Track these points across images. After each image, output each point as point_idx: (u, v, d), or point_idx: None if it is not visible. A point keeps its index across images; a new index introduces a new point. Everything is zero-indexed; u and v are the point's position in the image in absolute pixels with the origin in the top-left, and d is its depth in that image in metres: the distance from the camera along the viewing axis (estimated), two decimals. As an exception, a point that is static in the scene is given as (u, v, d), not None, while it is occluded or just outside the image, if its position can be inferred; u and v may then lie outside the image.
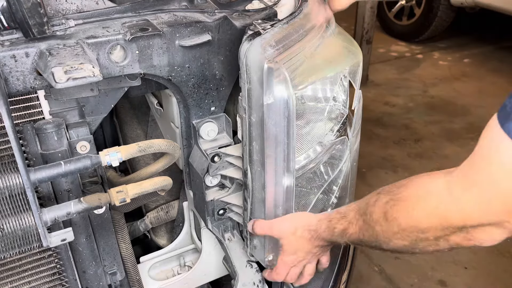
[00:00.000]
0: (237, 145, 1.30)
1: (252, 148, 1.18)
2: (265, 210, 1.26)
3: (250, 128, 1.16)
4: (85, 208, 1.07)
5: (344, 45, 1.30)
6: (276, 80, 1.07)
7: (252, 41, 1.08)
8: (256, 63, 1.08)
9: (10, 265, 1.22)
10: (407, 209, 0.96)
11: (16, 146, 0.93)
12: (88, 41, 1.04)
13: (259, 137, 1.15)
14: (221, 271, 1.70)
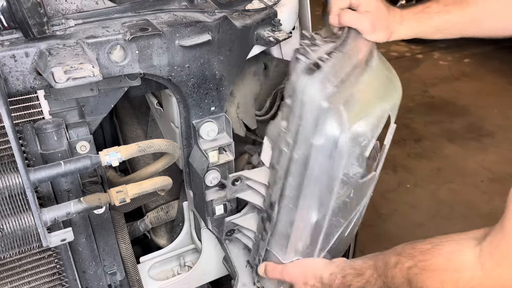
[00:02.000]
0: (262, 171, 1.23)
1: (286, 183, 1.12)
2: (288, 246, 1.21)
3: (290, 164, 1.09)
4: (85, 208, 1.07)
5: (386, 74, 1.23)
6: (333, 122, 1.01)
7: (312, 76, 1.00)
8: (314, 102, 1.00)
9: (10, 265, 1.22)
10: (436, 281, 0.90)
11: (16, 146, 0.93)
12: (88, 41, 1.04)
13: (299, 175, 1.08)
14: (221, 271, 1.70)
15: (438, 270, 0.90)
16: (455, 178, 3.36)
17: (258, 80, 1.46)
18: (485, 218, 2.86)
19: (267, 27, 1.28)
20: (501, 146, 3.69)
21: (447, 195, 3.15)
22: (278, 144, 1.12)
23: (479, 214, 2.94)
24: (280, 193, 1.15)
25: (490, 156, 3.57)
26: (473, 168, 3.45)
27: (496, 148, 3.68)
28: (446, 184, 3.27)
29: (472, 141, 3.84)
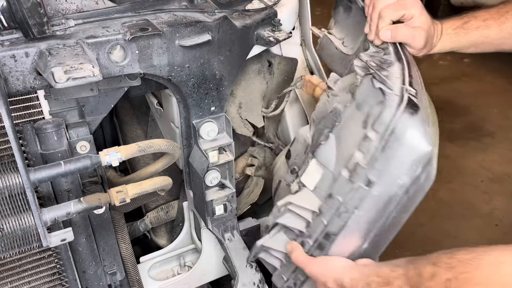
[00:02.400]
0: (308, 195, 1.14)
1: (352, 215, 1.04)
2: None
3: (365, 199, 1.01)
4: (85, 208, 1.07)
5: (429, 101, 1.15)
6: (434, 164, 0.96)
7: (413, 118, 0.93)
8: (416, 146, 0.93)
9: (10, 265, 1.22)
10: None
11: (16, 146, 0.93)
12: (88, 41, 1.04)
13: (374, 211, 1.02)
14: (221, 271, 1.70)
15: (482, 284, 0.81)
16: (455, 178, 3.35)
17: (263, 78, 1.45)
18: (485, 218, 2.86)
19: (267, 27, 1.28)
20: (501, 146, 3.69)
21: (447, 195, 3.15)
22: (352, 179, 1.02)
23: (479, 214, 2.93)
24: (342, 224, 1.07)
25: (490, 156, 3.57)
26: (473, 168, 3.44)
27: (496, 148, 3.68)
28: (446, 184, 3.27)
29: (472, 141, 3.83)
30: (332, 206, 1.07)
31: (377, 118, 0.96)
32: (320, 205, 1.10)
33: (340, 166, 1.05)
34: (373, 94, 0.98)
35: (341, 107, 1.09)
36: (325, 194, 1.09)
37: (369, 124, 0.97)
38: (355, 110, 1.03)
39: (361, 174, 1.00)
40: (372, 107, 0.98)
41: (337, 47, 1.32)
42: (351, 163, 1.01)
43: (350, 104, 1.05)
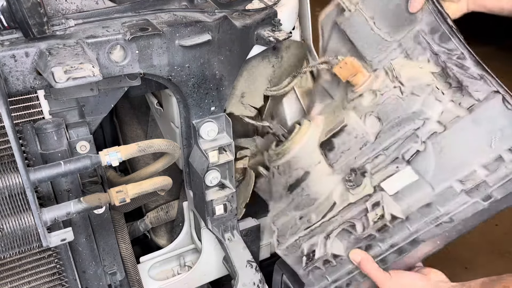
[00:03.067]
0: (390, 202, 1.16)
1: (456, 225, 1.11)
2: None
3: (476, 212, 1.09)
4: (85, 208, 1.07)
5: None
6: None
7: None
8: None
9: (10, 265, 1.22)
10: None
11: (16, 146, 0.93)
12: (88, 40, 1.04)
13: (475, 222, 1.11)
14: (221, 271, 1.70)
15: None
16: (455, 178, 3.35)
17: (269, 62, 1.41)
18: (485, 218, 2.87)
19: (267, 27, 1.28)
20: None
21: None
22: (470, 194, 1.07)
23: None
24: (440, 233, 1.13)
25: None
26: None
27: (496, 148, 3.68)
28: (446, 184, 3.27)
29: (472, 141, 3.83)
30: (427, 214, 1.11)
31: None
32: (407, 212, 1.12)
33: (445, 176, 1.07)
34: (504, 115, 0.99)
35: (430, 113, 1.09)
36: (416, 202, 1.11)
37: (500, 144, 0.99)
38: (471, 124, 1.03)
39: (483, 190, 1.03)
40: (505, 129, 0.99)
41: (374, 29, 1.21)
42: (469, 178, 1.04)
43: (461, 115, 1.05)
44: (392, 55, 1.20)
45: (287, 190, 1.38)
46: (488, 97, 1.02)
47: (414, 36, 1.16)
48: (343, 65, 1.24)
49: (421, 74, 1.15)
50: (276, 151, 1.41)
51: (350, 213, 1.22)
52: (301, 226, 1.33)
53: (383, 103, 1.17)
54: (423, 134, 1.11)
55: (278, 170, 1.41)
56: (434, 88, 1.12)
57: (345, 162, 1.23)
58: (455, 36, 1.11)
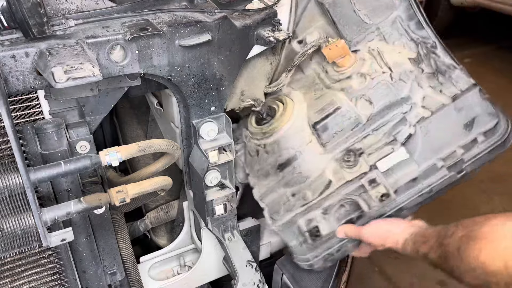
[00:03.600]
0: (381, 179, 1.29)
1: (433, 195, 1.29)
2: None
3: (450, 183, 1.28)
4: (85, 208, 1.07)
5: None
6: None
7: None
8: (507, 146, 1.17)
9: (10, 265, 1.22)
10: (477, 249, 0.94)
11: (16, 146, 0.93)
12: (88, 41, 1.04)
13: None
14: (221, 271, 1.70)
15: (480, 239, 0.95)
16: (455, 178, 3.36)
17: (266, 59, 1.42)
18: (485, 217, 2.87)
19: (267, 27, 1.28)
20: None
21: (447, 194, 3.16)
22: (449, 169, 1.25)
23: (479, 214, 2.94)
24: (421, 201, 1.30)
25: (490, 156, 3.57)
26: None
27: (496, 148, 3.68)
28: (446, 184, 3.28)
29: (472, 141, 3.83)
30: (412, 187, 1.26)
31: (492, 129, 1.19)
32: (395, 186, 1.27)
33: (429, 155, 1.24)
34: (480, 105, 1.17)
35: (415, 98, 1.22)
36: (403, 177, 1.26)
37: (475, 129, 1.18)
38: (453, 111, 1.20)
39: (459, 166, 1.21)
40: (480, 116, 1.18)
41: (356, 11, 1.29)
42: (449, 156, 1.23)
43: (446, 103, 1.21)
44: (369, 37, 1.30)
45: (277, 169, 1.40)
46: (469, 88, 1.18)
47: (392, 21, 1.27)
48: (333, 47, 1.30)
49: (403, 60, 1.25)
50: (262, 129, 1.40)
51: (346, 189, 1.31)
52: (296, 203, 1.37)
53: (374, 88, 1.25)
54: (411, 118, 1.24)
55: (264, 149, 1.41)
56: (416, 75, 1.24)
57: (337, 142, 1.30)
58: (427, 26, 1.25)
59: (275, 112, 1.40)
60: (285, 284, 1.66)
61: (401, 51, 1.27)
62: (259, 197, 1.46)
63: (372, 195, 1.28)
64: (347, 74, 1.30)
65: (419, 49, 1.25)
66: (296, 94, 1.41)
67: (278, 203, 1.42)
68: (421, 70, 1.24)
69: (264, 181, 1.45)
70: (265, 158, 1.42)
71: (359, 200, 1.30)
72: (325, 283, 1.62)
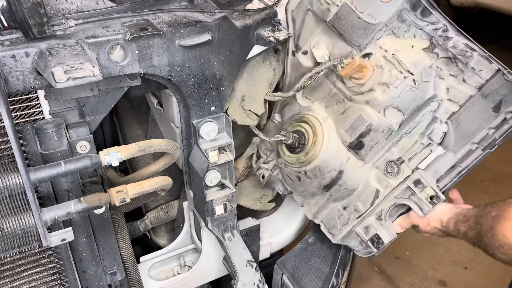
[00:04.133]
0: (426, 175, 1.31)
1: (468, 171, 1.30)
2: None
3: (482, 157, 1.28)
4: (85, 208, 1.07)
5: None
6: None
7: None
8: None
9: (10, 265, 1.22)
10: (505, 227, 1.05)
11: (16, 146, 0.93)
12: (88, 40, 1.04)
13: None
14: (221, 271, 1.70)
15: (509, 218, 1.05)
16: (455, 178, 3.35)
17: (270, 66, 1.42)
18: (485, 218, 2.87)
19: (267, 27, 1.28)
20: (501, 146, 3.69)
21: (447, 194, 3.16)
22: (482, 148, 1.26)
23: (479, 214, 2.94)
24: (459, 179, 1.32)
25: (490, 156, 3.57)
26: (473, 168, 3.45)
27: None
28: (446, 184, 3.28)
29: (472, 141, 3.83)
30: (451, 172, 1.30)
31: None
32: (436, 176, 1.31)
33: (463, 143, 1.26)
34: (506, 87, 1.18)
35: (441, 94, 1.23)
36: (442, 167, 1.30)
37: (503, 109, 1.19)
38: (481, 99, 1.20)
39: (492, 144, 1.24)
40: (507, 96, 1.18)
41: (360, 17, 1.26)
42: (483, 139, 1.24)
43: (473, 94, 1.21)
44: (378, 35, 1.28)
45: (323, 189, 1.43)
46: (493, 75, 1.19)
47: (398, 15, 1.25)
48: (349, 67, 1.26)
49: (419, 55, 1.24)
50: (299, 159, 1.42)
51: (394, 194, 1.34)
52: (350, 216, 1.41)
53: (399, 96, 1.24)
54: (441, 115, 1.26)
55: (306, 175, 1.44)
56: (436, 68, 1.22)
57: (374, 153, 1.32)
58: (435, 9, 1.23)
59: (305, 138, 1.40)
60: (285, 284, 1.66)
61: (413, 44, 1.25)
62: (312, 216, 1.50)
63: (422, 197, 1.30)
64: (368, 86, 1.27)
65: (431, 37, 1.23)
66: (318, 108, 1.40)
67: (333, 218, 1.45)
68: (436, 55, 1.23)
69: (312, 200, 1.49)
70: (308, 183, 1.45)
71: (411, 204, 1.33)
72: (325, 283, 1.62)
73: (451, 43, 1.21)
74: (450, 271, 2.61)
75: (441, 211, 1.30)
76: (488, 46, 4.37)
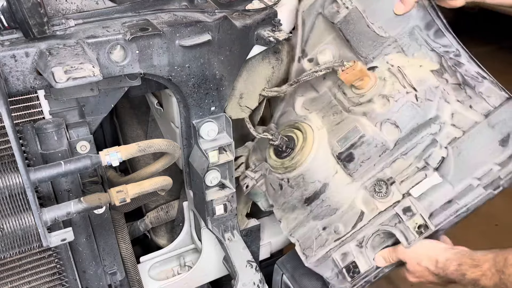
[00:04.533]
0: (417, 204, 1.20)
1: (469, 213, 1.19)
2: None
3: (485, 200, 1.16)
4: (85, 208, 1.07)
5: None
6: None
7: None
8: None
9: (10, 265, 1.22)
10: None
11: (16, 146, 0.93)
12: (88, 41, 1.04)
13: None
14: (221, 271, 1.70)
15: None
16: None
17: (269, 63, 1.41)
18: (485, 218, 2.85)
19: (267, 27, 1.28)
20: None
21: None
22: (486, 188, 1.15)
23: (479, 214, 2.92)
24: (457, 221, 1.20)
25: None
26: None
27: (496, 148, 3.67)
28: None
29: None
30: (447, 209, 1.17)
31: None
32: (430, 209, 1.18)
33: (463, 175, 1.15)
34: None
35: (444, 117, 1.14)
36: (438, 200, 1.18)
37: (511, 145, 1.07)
38: (487, 128, 1.10)
39: (496, 183, 1.11)
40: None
41: (369, 25, 1.20)
42: (485, 175, 1.12)
43: (478, 121, 1.11)
44: (386, 51, 1.21)
45: (304, 203, 1.34)
46: (502, 103, 1.09)
47: (409, 32, 1.18)
48: (350, 71, 1.21)
49: (426, 74, 1.16)
50: (284, 164, 1.36)
51: (380, 219, 1.23)
52: (329, 237, 1.30)
53: (399, 111, 1.17)
54: (442, 139, 1.15)
55: (288, 183, 1.36)
56: (442, 89, 1.14)
57: (365, 169, 1.24)
58: (448, 32, 1.16)
59: (294, 143, 1.34)
60: (285, 284, 1.66)
61: (422, 64, 1.18)
62: (288, 232, 1.41)
63: (409, 226, 1.18)
64: (368, 97, 1.22)
65: (442, 59, 1.15)
66: (314, 118, 1.35)
67: (310, 238, 1.35)
68: (445, 81, 1.15)
69: (291, 215, 1.40)
70: (289, 192, 1.37)
71: (396, 232, 1.21)
72: (325, 283, 1.62)
73: (463, 69, 1.13)
74: (450, 271, 2.61)
75: (435, 249, 1.15)
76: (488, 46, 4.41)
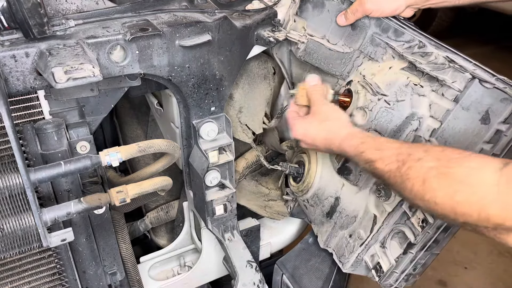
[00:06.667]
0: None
1: None
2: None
3: None
4: (85, 208, 1.07)
5: None
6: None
7: None
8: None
9: (10, 265, 1.22)
10: (450, 188, 0.91)
11: (16, 146, 0.93)
12: (88, 41, 1.04)
13: None
14: (221, 271, 1.70)
15: (456, 180, 0.91)
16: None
17: (269, 84, 1.45)
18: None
19: (267, 27, 1.28)
20: None
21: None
22: None
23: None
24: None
25: (490, 156, 3.56)
26: None
27: (496, 148, 3.67)
28: (446, 184, 3.27)
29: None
30: None
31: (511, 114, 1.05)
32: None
33: None
34: (488, 95, 1.06)
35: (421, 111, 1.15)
36: None
37: (494, 120, 1.06)
38: (462, 112, 1.10)
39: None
40: (493, 106, 1.05)
41: (331, 48, 1.30)
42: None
43: (450, 108, 1.11)
44: (357, 62, 1.28)
45: (326, 217, 1.44)
46: (467, 86, 1.09)
47: (370, 40, 1.25)
48: (299, 97, 1.25)
49: (394, 75, 1.20)
50: (299, 188, 1.49)
51: (392, 219, 1.27)
52: (355, 243, 1.38)
53: (376, 118, 1.21)
54: (424, 133, 1.16)
55: (309, 204, 1.48)
56: (413, 85, 1.17)
57: (366, 177, 1.29)
58: (407, 28, 1.19)
59: (304, 167, 1.44)
60: (285, 284, 1.67)
61: (391, 65, 1.21)
62: (324, 244, 1.50)
63: (414, 222, 1.21)
64: (349, 112, 1.27)
65: (408, 55, 1.17)
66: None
67: (341, 246, 1.44)
68: (421, 73, 1.16)
69: (322, 228, 1.50)
70: (313, 211, 1.50)
71: (405, 229, 1.25)
72: (325, 283, 1.62)
73: (432, 57, 1.14)
74: (450, 271, 2.61)
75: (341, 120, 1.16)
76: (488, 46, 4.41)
